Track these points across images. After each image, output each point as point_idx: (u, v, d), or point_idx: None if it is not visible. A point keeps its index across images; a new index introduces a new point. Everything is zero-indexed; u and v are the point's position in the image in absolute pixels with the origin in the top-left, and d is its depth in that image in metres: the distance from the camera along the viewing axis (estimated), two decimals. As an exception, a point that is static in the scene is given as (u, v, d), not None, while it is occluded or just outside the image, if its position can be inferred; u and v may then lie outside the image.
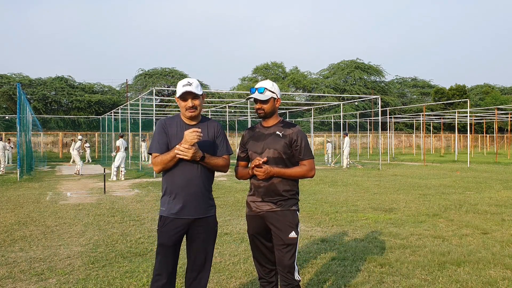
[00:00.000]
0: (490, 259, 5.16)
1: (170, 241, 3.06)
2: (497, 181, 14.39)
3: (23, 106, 18.70)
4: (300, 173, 3.20)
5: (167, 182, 3.10)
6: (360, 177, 16.38)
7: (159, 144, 3.08)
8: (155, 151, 3.08)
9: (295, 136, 3.20)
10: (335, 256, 5.33)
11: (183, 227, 3.08)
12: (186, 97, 3.07)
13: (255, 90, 3.24)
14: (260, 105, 3.23)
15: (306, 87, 60.86)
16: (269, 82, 3.28)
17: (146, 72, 56.07)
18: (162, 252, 3.06)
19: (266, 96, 3.21)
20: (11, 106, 44.07)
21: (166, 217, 3.07)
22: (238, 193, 11.52)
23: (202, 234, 3.14)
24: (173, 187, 3.07)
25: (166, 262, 3.06)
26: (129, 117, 29.34)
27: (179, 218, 3.06)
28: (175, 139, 3.07)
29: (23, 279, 4.63)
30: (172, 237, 3.06)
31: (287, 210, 3.19)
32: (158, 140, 3.09)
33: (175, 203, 3.06)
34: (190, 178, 3.07)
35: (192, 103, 3.07)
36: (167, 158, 3.02)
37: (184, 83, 3.10)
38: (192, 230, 3.11)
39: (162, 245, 3.06)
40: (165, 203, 3.09)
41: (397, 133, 52.15)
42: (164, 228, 3.06)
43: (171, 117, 3.22)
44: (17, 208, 9.32)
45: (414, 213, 8.36)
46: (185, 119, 3.16)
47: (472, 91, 68.56)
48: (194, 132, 2.92)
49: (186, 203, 3.06)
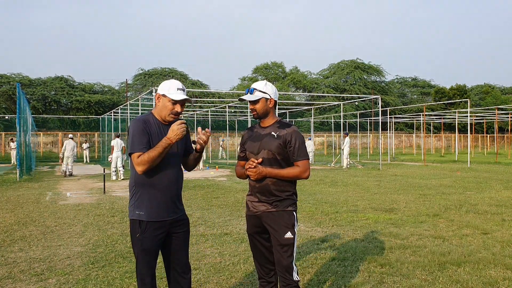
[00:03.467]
0: (490, 259, 5.15)
1: (154, 245, 2.97)
2: (498, 181, 14.38)
3: (23, 106, 18.70)
4: (294, 174, 3.16)
5: (147, 184, 2.95)
6: (360, 177, 16.37)
7: (142, 143, 2.90)
8: (139, 150, 2.88)
9: (289, 137, 3.17)
10: (335, 256, 5.32)
11: (165, 229, 3.00)
12: (180, 102, 3.00)
13: (247, 91, 3.25)
14: (252, 105, 3.23)
15: (306, 87, 60.86)
16: (261, 83, 3.25)
17: (146, 72, 56.10)
18: (146, 257, 2.95)
19: (256, 97, 3.19)
20: (10, 106, 44.06)
21: (147, 222, 2.93)
22: (238, 193, 11.51)
23: (182, 233, 3.11)
24: (155, 189, 2.95)
25: (150, 267, 2.99)
26: (128, 117, 29.30)
27: (159, 220, 2.96)
28: (158, 139, 2.94)
29: (22, 279, 4.62)
30: (156, 241, 2.97)
31: (283, 210, 3.17)
32: (141, 139, 2.90)
33: (158, 206, 2.95)
34: (173, 178, 3.02)
35: (181, 109, 3.02)
36: (154, 154, 2.84)
37: (179, 86, 3.00)
38: (171, 231, 3.05)
39: (146, 251, 2.94)
40: (142, 207, 2.94)
41: (398, 133, 52.15)
42: (146, 234, 2.92)
43: (145, 116, 3.03)
44: (17, 208, 9.32)
45: (415, 213, 8.35)
46: (161, 119, 3.05)
47: (473, 91, 68.55)
48: (182, 125, 2.88)
49: (167, 204, 2.99)
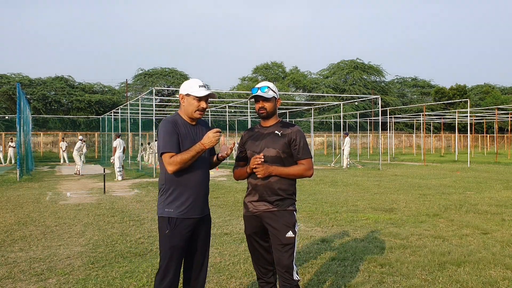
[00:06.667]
0: (490, 259, 5.15)
1: (182, 242, 3.05)
2: (498, 181, 14.38)
3: (23, 106, 18.70)
4: (298, 172, 3.21)
5: (178, 183, 3.05)
6: (360, 177, 16.37)
7: (174, 143, 3.02)
8: (171, 150, 2.99)
9: (294, 136, 3.21)
10: (335, 256, 5.32)
11: (192, 227, 3.09)
12: (205, 99, 3.10)
13: (257, 90, 3.24)
14: (263, 103, 3.23)
15: (306, 87, 60.85)
16: (270, 83, 3.32)
17: (146, 72, 56.07)
18: (174, 254, 3.02)
19: (269, 95, 3.24)
20: (11, 106, 44.06)
21: (177, 218, 3.03)
22: (238, 193, 11.52)
23: (203, 232, 3.19)
24: (186, 188, 3.06)
25: (176, 263, 3.06)
26: (128, 117, 29.34)
27: (188, 218, 3.06)
28: (186, 139, 3.06)
29: (23, 279, 4.63)
30: (184, 237, 3.05)
31: (284, 210, 3.19)
32: (172, 139, 3.02)
33: (186, 204, 3.05)
34: (202, 178, 3.13)
35: (206, 105, 3.12)
36: (187, 157, 2.97)
37: (200, 83, 3.12)
38: (195, 229, 3.13)
39: (174, 247, 3.02)
40: (173, 204, 3.04)
41: (397, 133, 52.14)
42: (175, 230, 3.02)
43: (173, 117, 3.16)
44: (17, 208, 9.32)
45: (414, 213, 8.35)
46: (188, 119, 3.15)
47: (472, 91, 68.52)
48: (218, 133, 2.99)
49: (196, 202, 3.10)
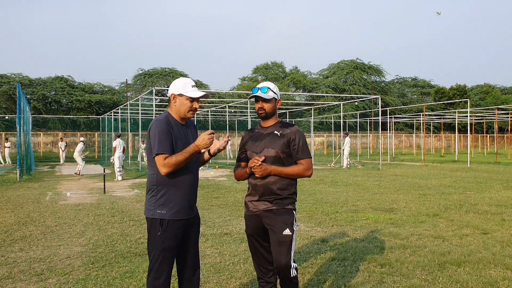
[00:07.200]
0: (490, 259, 5.15)
1: (174, 243, 3.04)
2: (498, 181, 14.38)
3: (23, 106, 18.69)
4: (297, 172, 3.22)
5: (170, 184, 3.01)
6: (360, 177, 16.37)
7: (169, 144, 2.95)
8: (166, 152, 2.92)
9: (293, 136, 3.22)
10: (335, 256, 5.32)
11: (184, 227, 3.09)
12: (196, 99, 3.06)
13: (257, 90, 3.24)
14: (262, 104, 3.24)
15: (306, 87, 60.83)
16: (271, 84, 3.31)
17: (146, 72, 56.02)
18: (166, 255, 3.01)
19: (269, 96, 3.24)
20: (11, 106, 44.06)
21: (169, 220, 3.00)
22: (238, 193, 11.51)
23: (194, 232, 3.19)
24: (178, 189, 3.02)
25: (168, 264, 3.05)
26: (129, 117, 29.36)
27: (180, 219, 3.04)
28: (179, 139, 3.02)
29: (23, 279, 4.63)
30: (177, 239, 3.04)
31: (282, 208, 3.21)
32: (166, 140, 2.94)
33: (179, 205, 3.03)
34: (193, 179, 3.12)
35: (198, 105, 3.08)
36: (181, 159, 2.92)
37: (192, 83, 3.07)
38: (187, 230, 3.13)
39: (166, 249, 3.00)
40: (165, 206, 3.01)
41: (397, 133, 52.13)
42: (168, 232, 3.00)
43: (165, 117, 3.06)
44: (17, 208, 9.32)
45: (414, 213, 8.35)
46: (179, 118, 3.09)
47: (472, 91, 68.51)
48: (212, 135, 2.97)
49: (188, 204, 3.08)
